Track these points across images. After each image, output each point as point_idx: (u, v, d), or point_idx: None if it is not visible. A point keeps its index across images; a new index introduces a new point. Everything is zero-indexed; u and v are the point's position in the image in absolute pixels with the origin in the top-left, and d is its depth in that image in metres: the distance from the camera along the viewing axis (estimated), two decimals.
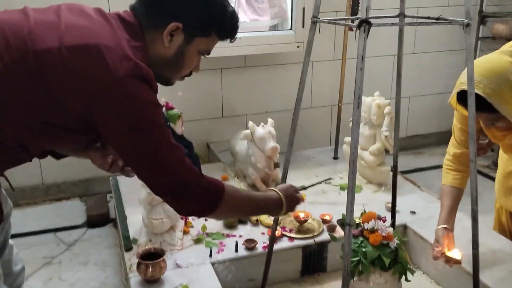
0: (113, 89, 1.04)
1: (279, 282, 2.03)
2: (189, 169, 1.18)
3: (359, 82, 1.19)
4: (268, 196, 1.42)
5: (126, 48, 1.07)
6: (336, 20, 1.39)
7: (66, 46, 1.03)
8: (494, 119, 1.53)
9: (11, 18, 1.08)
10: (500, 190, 1.98)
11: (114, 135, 1.10)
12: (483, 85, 1.44)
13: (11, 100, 1.04)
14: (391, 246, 1.48)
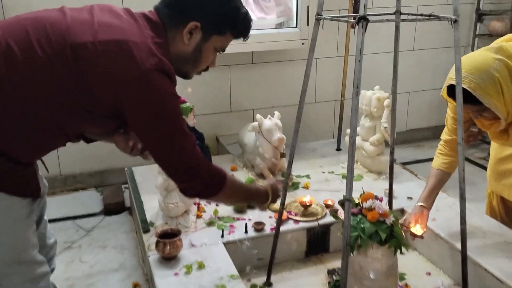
0: (139, 81, 1.17)
1: (285, 261, 2.18)
2: (198, 156, 1.33)
3: (358, 72, 1.34)
4: (259, 190, 1.61)
5: (151, 44, 1.21)
6: (338, 17, 1.54)
7: (99, 41, 1.17)
8: (480, 110, 1.67)
9: (50, 16, 1.23)
10: (491, 176, 2.12)
11: (137, 122, 1.24)
12: (468, 80, 1.58)
13: (51, 86, 1.18)
14: (387, 222, 1.63)
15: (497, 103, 1.60)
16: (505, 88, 1.60)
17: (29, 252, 1.30)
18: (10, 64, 1.14)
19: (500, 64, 1.60)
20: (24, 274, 1.29)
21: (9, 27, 1.19)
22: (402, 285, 1.98)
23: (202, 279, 1.82)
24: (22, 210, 1.27)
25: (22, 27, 1.18)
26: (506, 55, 1.62)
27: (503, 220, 2.17)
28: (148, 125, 1.23)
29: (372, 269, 1.67)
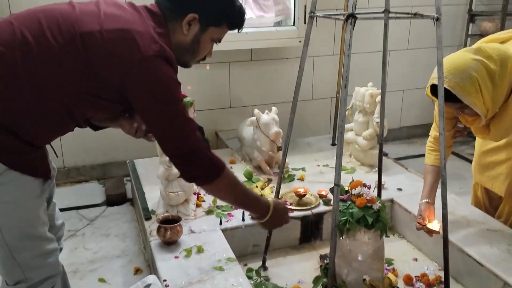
0: (142, 66, 1.27)
1: (280, 248, 2.30)
2: (198, 140, 1.41)
3: (346, 66, 1.45)
4: (260, 199, 1.65)
5: (153, 33, 1.31)
6: (329, 15, 1.65)
7: (105, 30, 1.27)
8: (461, 107, 1.78)
9: (61, 8, 1.34)
10: (476, 168, 2.23)
11: (141, 105, 1.34)
12: (448, 80, 1.69)
13: (62, 72, 1.28)
14: (374, 208, 1.74)
15: (476, 101, 1.71)
16: (483, 87, 1.70)
17: (39, 228, 1.40)
18: (25, 52, 1.24)
19: (478, 64, 1.70)
20: (35, 249, 1.39)
21: (23, 19, 1.29)
22: (389, 269, 2.09)
23: (201, 262, 1.93)
24: (34, 188, 1.37)
25: (36, 19, 1.28)
26: (485, 55, 1.71)
27: (487, 210, 2.28)
28: (150, 107, 1.32)
29: (360, 251, 1.78)
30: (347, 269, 1.83)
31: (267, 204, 1.63)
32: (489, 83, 1.71)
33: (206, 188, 1.51)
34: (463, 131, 2.17)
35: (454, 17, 3.90)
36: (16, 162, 1.31)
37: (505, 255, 1.93)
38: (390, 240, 2.37)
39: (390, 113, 4.03)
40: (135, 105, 1.34)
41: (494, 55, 1.72)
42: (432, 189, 2.04)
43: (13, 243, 1.35)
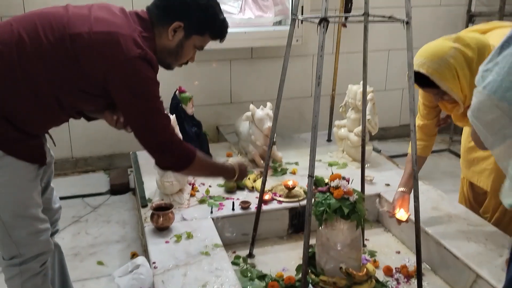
0: (124, 66, 1.41)
1: (269, 238, 2.41)
2: (171, 133, 1.56)
3: (319, 65, 1.56)
4: (226, 166, 1.85)
5: (137, 37, 1.45)
6: (307, 18, 1.75)
7: (93, 32, 1.41)
8: (439, 93, 1.84)
9: (55, 11, 1.48)
10: (463, 163, 2.31)
11: (120, 99, 1.47)
12: (426, 66, 1.77)
13: (52, 68, 1.42)
14: (351, 199, 1.84)
15: (453, 86, 1.77)
16: (461, 74, 1.76)
17: (33, 209, 1.54)
18: (20, 50, 1.39)
19: (456, 51, 1.76)
20: (29, 227, 1.53)
21: (22, 20, 1.44)
22: (369, 259, 2.18)
23: (189, 247, 2.05)
24: (29, 173, 1.51)
25: (32, 20, 1.43)
26: (463, 43, 1.77)
27: (471, 205, 2.35)
28: (129, 103, 1.46)
29: (338, 241, 1.89)
30: (326, 258, 1.93)
31: (233, 169, 1.83)
32: (466, 70, 1.76)
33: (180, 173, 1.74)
34: (447, 118, 2.22)
35: (455, 17, 3.95)
36: (12, 148, 1.45)
37: (481, 249, 2.01)
38: (375, 233, 2.47)
39: (389, 111, 4.11)
40: (116, 100, 1.47)
41: (472, 43, 1.77)
42: (409, 178, 2.12)
43: (9, 221, 1.49)
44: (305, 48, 3.57)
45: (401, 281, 2.06)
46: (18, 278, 1.56)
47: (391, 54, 3.96)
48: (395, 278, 2.09)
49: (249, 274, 2.09)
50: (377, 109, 2.93)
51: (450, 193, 2.68)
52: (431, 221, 2.22)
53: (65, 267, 1.91)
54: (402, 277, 2.09)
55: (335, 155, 3.05)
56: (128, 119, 1.53)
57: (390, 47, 3.90)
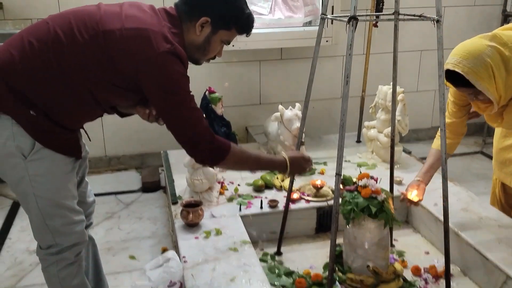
0: (154, 61, 1.46)
1: (297, 236, 2.43)
2: (204, 127, 1.59)
3: (348, 64, 1.57)
4: (274, 159, 1.84)
5: (167, 33, 1.49)
6: (336, 17, 1.76)
7: (125, 28, 1.47)
8: (474, 93, 1.81)
9: (89, 10, 1.55)
10: (495, 164, 2.27)
11: (152, 93, 1.52)
12: (462, 65, 1.74)
13: (86, 64, 1.48)
14: (379, 198, 1.85)
15: (489, 86, 1.74)
16: (497, 73, 1.73)
17: (69, 200, 1.61)
18: (57, 47, 1.46)
19: (492, 50, 1.73)
20: (64, 218, 1.60)
21: (57, 18, 1.52)
22: (397, 259, 2.18)
23: (218, 243, 2.10)
24: (65, 165, 1.58)
25: (67, 18, 1.50)
26: (500, 42, 1.74)
27: (503, 207, 2.31)
28: (160, 96, 1.51)
29: (365, 239, 1.89)
30: (353, 256, 1.94)
31: (283, 161, 1.80)
32: (503, 70, 1.73)
33: (218, 167, 1.72)
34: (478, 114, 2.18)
35: (490, 17, 3.87)
36: (50, 141, 1.52)
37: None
38: (404, 234, 2.46)
39: (421, 112, 4.06)
40: (147, 94, 1.52)
41: (510, 42, 1.74)
42: (428, 170, 2.13)
43: (46, 210, 1.57)
44: (335, 49, 3.58)
45: (430, 281, 2.05)
46: (54, 267, 1.63)
47: (423, 55, 3.92)
48: (423, 278, 2.08)
49: (277, 270, 2.11)
50: (409, 110, 2.91)
51: (482, 195, 2.64)
52: (461, 223, 2.20)
53: (98, 260, 1.98)
54: (431, 277, 2.08)
55: (364, 156, 3.04)
56: (160, 112, 1.58)
57: (422, 47, 3.86)
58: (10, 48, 1.49)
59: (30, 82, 1.47)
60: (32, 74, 1.47)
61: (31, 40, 1.47)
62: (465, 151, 3.86)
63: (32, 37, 1.48)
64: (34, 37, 1.48)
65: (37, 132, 1.49)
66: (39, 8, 3.13)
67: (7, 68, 1.47)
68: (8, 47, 1.50)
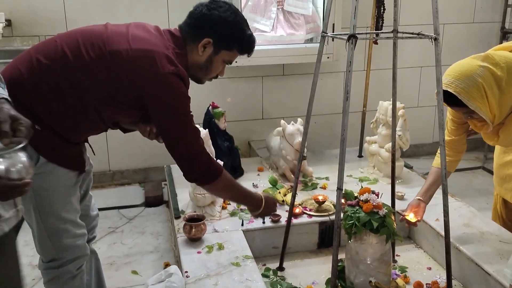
0: (158, 81, 1.51)
1: (299, 251, 2.43)
2: (201, 147, 1.64)
3: (348, 81, 1.60)
4: (253, 194, 1.90)
5: (171, 54, 1.54)
6: (336, 35, 1.80)
7: (131, 49, 1.52)
8: (468, 112, 1.84)
9: (96, 29, 1.60)
10: (495, 180, 2.28)
11: (154, 112, 1.56)
12: (454, 85, 1.78)
13: (93, 81, 1.52)
14: (380, 213, 1.86)
15: (481, 106, 1.77)
16: (489, 93, 1.76)
17: (71, 213, 1.64)
18: (64, 64, 1.50)
19: (484, 70, 1.76)
20: (67, 232, 1.62)
21: (65, 37, 1.57)
22: (399, 275, 2.18)
23: (220, 258, 2.11)
24: (69, 179, 1.61)
25: (74, 37, 1.54)
26: (492, 62, 1.78)
27: (504, 223, 2.31)
28: (162, 115, 1.56)
29: (367, 255, 1.90)
30: (355, 272, 1.95)
31: (259, 199, 1.88)
32: (495, 89, 1.77)
33: (205, 188, 1.76)
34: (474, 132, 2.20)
35: (489, 34, 3.92)
36: (54, 155, 1.55)
37: None
38: (406, 249, 2.46)
39: (422, 128, 4.08)
40: (150, 112, 1.56)
41: (501, 62, 1.78)
42: (428, 188, 2.14)
43: (49, 224, 1.59)
44: (336, 65, 3.62)
45: None
46: (56, 280, 1.65)
47: (424, 71, 3.96)
48: None
49: (279, 286, 2.12)
50: (410, 125, 2.93)
51: (483, 210, 2.65)
52: (462, 238, 2.21)
53: (101, 274, 1.99)
54: None
55: (366, 171, 3.06)
56: (161, 130, 1.62)
57: (422, 64, 3.90)
58: (18, 65, 1.53)
59: (37, 98, 1.50)
60: (39, 91, 1.50)
61: (39, 58, 1.51)
62: (466, 166, 3.87)
63: (40, 54, 1.52)
64: (42, 55, 1.52)
65: (41, 146, 1.52)
66: (46, 25, 3.19)
67: (15, 84, 1.50)
68: (17, 64, 1.54)
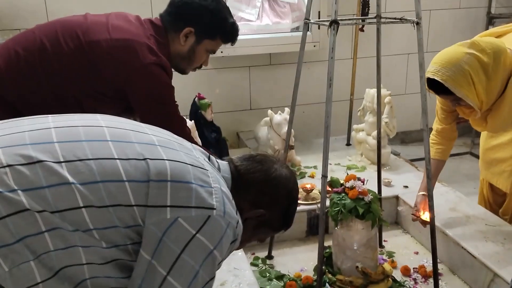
0: (140, 72, 1.50)
1: (288, 240, 2.44)
2: (188, 135, 1.62)
3: (331, 67, 1.60)
4: None
5: (153, 44, 1.53)
6: (318, 22, 1.80)
7: (111, 39, 1.50)
8: (456, 99, 1.85)
9: (76, 19, 1.59)
10: (481, 164, 2.30)
11: (137, 103, 1.56)
12: (441, 73, 1.78)
13: (72, 72, 1.51)
14: (366, 199, 1.87)
15: (468, 93, 1.77)
16: (476, 80, 1.76)
17: None
18: (43, 55, 1.49)
19: (470, 57, 1.75)
20: None
21: (44, 28, 1.55)
22: (386, 259, 2.19)
23: None
24: None
25: (53, 28, 1.53)
26: (478, 49, 1.77)
27: (491, 207, 2.34)
28: (145, 106, 1.55)
29: (354, 241, 1.91)
30: (342, 258, 1.96)
31: None
32: (482, 76, 1.76)
33: None
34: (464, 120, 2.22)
35: (475, 20, 3.93)
36: None
37: (499, 249, 2.00)
38: (394, 235, 2.48)
39: (410, 114, 4.09)
40: (133, 103, 1.55)
41: (488, 48, 1.77)
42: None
43: None
44: (324, 53, 3.61)
45: (419, 281, 2.07)
46: None
47: (411, 58, 3.96)
48: (412, 278, 2.10)
49: (268, 274, 2.12)
50: (397, 112, 2.94)
51: (471, 195, 2.67)
52: (449, 222, 2.22)
53: None
54: (420, 277, 2.10)
55: (354, 159, 3.07)
56: (144, 120, 1.61)
57: (409, 51, 3.91)
58: None
59: (16, 90, 1.49)
60: (18, 83, 1.49)
61: (17, 50, 1.50)
62: (454, 152, 3.87)
63: (18, 46, 1.51)
64: (20, 47, 1.51)
65: None
66: (28, 18, 3.15)
67: None
68: None
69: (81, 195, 0.89)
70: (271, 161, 1.23)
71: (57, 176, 0.88)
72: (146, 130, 1.06)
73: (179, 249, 0.93)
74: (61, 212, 0.87)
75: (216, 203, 0.98)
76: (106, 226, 0.91)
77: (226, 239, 0.99)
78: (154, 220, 0.92)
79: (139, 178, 0.93)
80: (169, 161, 0.97)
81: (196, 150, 1.13)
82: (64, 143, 0.93)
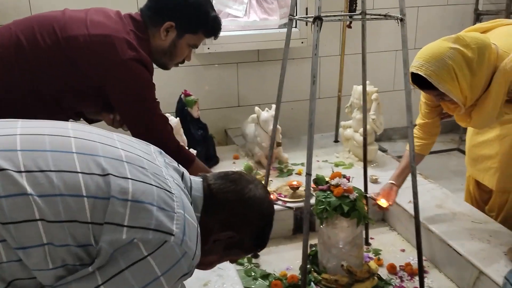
0: (119, 68, 1.46)
1: (274, 238, 2.40)
2: (170, 134, 1.59)
3: (315, 64, 1.57)
4: None
5: (132, 39, 1.50)
6: (303, 18, 1.77)
7: (89, 34, 1.47)
8: (440, 94, 1.83)
9: (53, 15, 1.55)
10: (468, 161, 2.30)
11: (117, 100, 1.53)
12: (424, 68, 1.77)
13: (49, 68, 1.48)
14: (351, 197, 1.85)
15: (452, 88, 1.76)
16: (460, 75, 1.74)
17: None
18: (19, 52, 1.46)
19: (454, 52, 1.74)
20: None
21: (20, 24, 1.51)
22: (372, 257, 2.19)
23: None
24: None
25: (30, 24, 1.49)
26: (462, 44, 1.76)
27: (477, 203, 2.34)
28: (125, 103, 1.51)
29: (339, 239, 1.90)
30: (328, 256, 1.95)
31: None
32: (466, 71, 1.75)
33: None
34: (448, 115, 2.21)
35: (463, 16, 3.93)
36: None
37: (484, 246, 2.00)
38: (380, 232, 2.47)
39: (398, 111, 4.08)
40: (112, 100, 1.52)
41: (472, 43, 1.76)
42: (401, 172, 2.16)
43: None
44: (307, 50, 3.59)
45: (405, 279, 2.06)
46: None
47: (399, 55, 3.95)
48: (399, 275, 2.09)
49: (253, 273, 2.10)
50: (385, 109, 2.93)
51: (459, 192, 2.67)
52: (435, 219, 2.22)
53: None
54: (406, 275, 2.09)
55: (341, 156, 3.06)
56: (124, 118, 1.58)
57: (397, 47, 3.89)
58: None
59: None
60: None
61: None
62: (442, 148, 3.90)
63: None
64: None
65: None
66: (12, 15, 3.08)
67: None
68: None
69: (38, 208, 0.85)
70: (246, 181, 1.17)
71: (15, 186, 0.85)
72: (116, 144, 1.01)
73: (125, 264, 0.89)
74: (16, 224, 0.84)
75: (176, 230, 0.93)
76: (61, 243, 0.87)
77: (178, 269, 0.94)
78: (109, 238, 0.88)
79: (99, 195, 0.89)
80: (133, 180, 0.93)
81: (169, 169, 1.08)
82: (27, 151, 0.89)
